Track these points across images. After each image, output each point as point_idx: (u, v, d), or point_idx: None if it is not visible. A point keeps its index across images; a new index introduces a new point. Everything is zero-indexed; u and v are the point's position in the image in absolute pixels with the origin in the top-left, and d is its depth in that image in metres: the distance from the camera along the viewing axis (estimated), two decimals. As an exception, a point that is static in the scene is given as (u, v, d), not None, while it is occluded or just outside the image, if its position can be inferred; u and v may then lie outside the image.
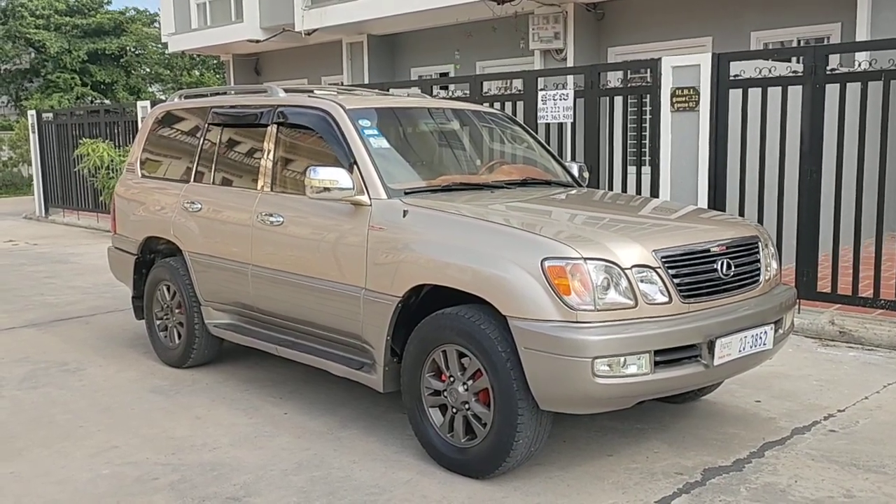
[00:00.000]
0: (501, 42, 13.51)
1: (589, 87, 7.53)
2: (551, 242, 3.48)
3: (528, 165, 5.12)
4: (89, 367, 5.58)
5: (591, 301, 3.36)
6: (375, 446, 4.10)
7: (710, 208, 6.71)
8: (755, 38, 11.05)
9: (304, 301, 4.50)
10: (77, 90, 29.51)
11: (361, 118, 4.47)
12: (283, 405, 4.74)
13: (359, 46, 15.63)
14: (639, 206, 4.80)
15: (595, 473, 3.72)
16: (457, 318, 3.64)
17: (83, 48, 29.31)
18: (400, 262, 3.91)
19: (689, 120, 6.87)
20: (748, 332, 3.70)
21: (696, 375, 3.55)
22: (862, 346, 5.78)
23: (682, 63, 6.91)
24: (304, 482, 3.70)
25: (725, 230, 3.98)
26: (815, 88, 6.21)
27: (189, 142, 5.58)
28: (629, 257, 3.47)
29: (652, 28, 11.92)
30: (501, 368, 3.47)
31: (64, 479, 3.80)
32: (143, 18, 32.00)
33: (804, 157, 6.35)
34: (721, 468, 3.77)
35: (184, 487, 3.67)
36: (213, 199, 5.18)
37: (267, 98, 5.06)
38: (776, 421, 4.37)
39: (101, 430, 4.39)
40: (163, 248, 5.70)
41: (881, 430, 4.24)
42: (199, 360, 5.40)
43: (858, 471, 3.73)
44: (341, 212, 4.25)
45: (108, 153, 12.87)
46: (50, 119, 15.63)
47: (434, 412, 3.84)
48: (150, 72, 32.12)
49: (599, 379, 3.31)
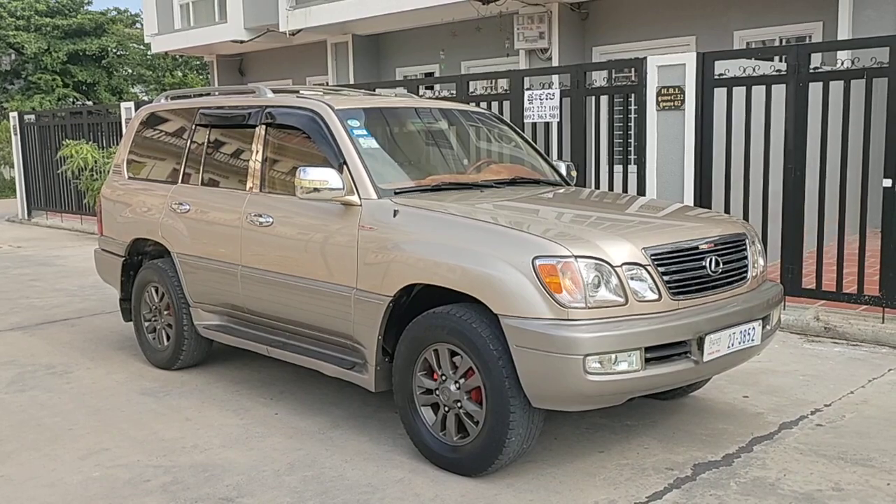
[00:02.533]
0: (487, 42, 13.54)
1: (575, 86, 7.56)
2: (542, 241, 3.50)
3: (516, 165, 5.14)
4: (77, 369, 5.54)
5: (582, 299, 3.38)
6: (367, 445, 4.11)
7: (696, 206, 6.77)
8: (738, 38, 11.14)
9: (294, 301, 4.50)
10: (59, 91, 29.30)
11: (350, 118, 4.47)
12: (274, 406, 4.73)
13: (344, 47, 15.61)
14: (627, 204, 4.83)
15: (586, 470, 3.75)
16: (448, 317, 3.66)
17: (63, 49, 29.09)
18: (391, 262, 3.92)
19: (675, 119, 6.92)
20: (737, 329, 3.74)
21: (687, 372, 3.58)
22: (847, 342, 5.85)
23: (668, 62, 6.96)
24: (296, 482, 3.70)
25: (713, 227, 4.01)
26: (799, 87, 6.28)
27: (176, 143, 5.55)
28: (619, 255, 3.49)
29: (636, 28, 11.99)
30: (493, 367, 3.49)
31: (54, 481, 3.78)
32: (124, 19, 31.82)
33: (788, 155, 6.41)
34: (711, 463, 3.81)
35: (176, 489, 3.66)
36: (201, 201, 5.16)
37: (255, 99, 5.04)
38: (764, 416, 4.42)
39: (91, 433, 4.37)
40: (150, 250, 5.68)
41: (867, 423, 4.29)
42: (188, 362, 5.39)
43: (846, 464, 3.77)
44: (331, 212, 4.25)
45: (92, 154, 12.79)
46: (32, 121, 15.49)
47: (426, 411, 3.85)
48: (133, 72, 31.94)
49: (591, 376, 3.33)
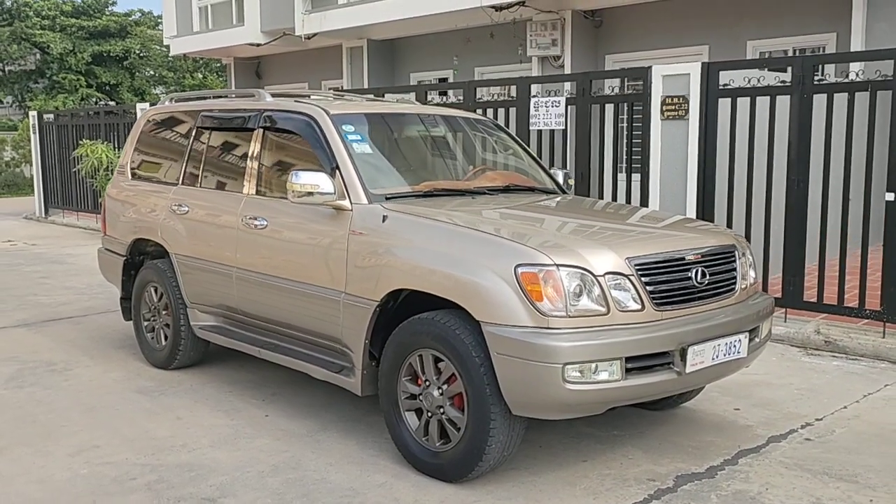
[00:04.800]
0: (500, 48, 13.56)
1: (580, 94, 7.56)
2: (525, 248, 3.51)
3: (511, 172, 5.15)
4: (76, 367, 5.62)
5: (563, 307, 3.39)
6: (353, 449, 4.13)
7: (698, 216, 6.75)
8: (751, 48, 11.08)
9: (285, 304, 4.54)
10: (82, 91, 29.68)
11: (345, 123, 4.51)
12: (265, 407, 4.77)
13: (359, 51, 15.69)
14: (616, 213, 4.83)
15: (567, 479, 3.75)
16: (432, 323, 3.68)
17: (88, 50, 29.47)
18: (378, 267, 3.95)
19: (679, 128, 6.90)
20: (722, 341, 3.72)
21: (669, 383, 3.57)
22: (846, 356, 5.80)
23: (672, 72, 6.94)
24: (279, 484, 3.73)
25: (701, 239, 4.00)
26: (803, 98, 6.24)
27: (178, 145, 5.62)
28: (602, 264, 3.50)
29: (649, 36, 11.95)
30: (475, 373, 3.50)
31: (43, 477, 3.83)
32: (148, 21, 32.20)
33: (791, 167, 6.38)
34: (694, 475, 3.79)
35: (160, 488, 3.70)
36: (200, 202, 5.22)
37: (254, 102, 5.10)
38: (753, 429, 4.40)
39: (84, 430, 4.43)
40: (151, 250, 5.75)
41: (857, 439, 4.26)
42: (184, 362, 5.44)
43: (830, 479, 3.75)
44: (323, 216, 4.29)
45: (106, 154, 12.96)
46: (51, 120, 15.71)
47: (410, 416, 3.87)
48: (155, 74, 32.29)
49: (570, 385, 3.34)
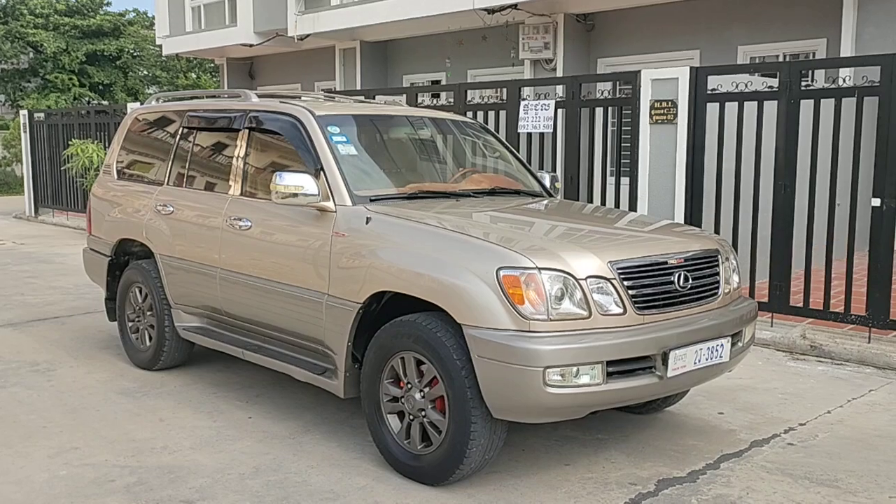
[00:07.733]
0: (492, 51, 13.56)
1: (570, 97, 7.56)
2: (506, 251, 3.50)
3: (497, 175, 5.15)
4: (59, 367, 5.58)
5: (544, 311, 3.38)
6: (335, 451, 4.12)
7: (686, 220, 6.75)
8: (742, 53, 11.10)
9: (269, 305, 4.52)
10: (75, 91, 29.54)
11: (330, 124, 4.49)
12: (249, 409, 4.75)
13: (352, 52, 15.67)
14: (602, 217, 4.83)
15: (549, 482, 3.74)
16: (414, 326, 3.66)
17: (82, 49, 29.35)
18: (362, 269, 3.93)
19: (667, 132, 6.91)
20: (704, 345, 3.71)
21: (650, 387, 3.57)
22: (832, 361, 5.81)
23: (661, 76, 6.95)
24: (259, 486, 3.71)
25: (684, 243, 4.00)
26: (790, 104, 6.25)
27: (164, 144, 5.59)
28: (584, 268, 3.49)
29: (641, 40, 11.97)
30: (456, 376, 3.49)
31: (21, 479, 3.81)
32: (142, 21, 32.08)
33: (779, 172, 6.39)
34: (675, 479, 3.79)
35: (139, 490, 3.68)
36: (184, 202, 5.20)
37: (240, 103, 5.08)
38: (736, 433, 4.39)
39: (64, 431, 4.40)
40: (136, 251, 5.72)
41: (839, 444, 4.26)
42: (168, 363, 5.42)
43: (811, 484, 3.75)
44: (307, 217, 4.28)
45: (96, 154, 12.91)
46: (41, 119, 15.66)
47: (392, 419, 3.86)
48: (148, 74, 32.18)
49: (551, 388, 3.33)
